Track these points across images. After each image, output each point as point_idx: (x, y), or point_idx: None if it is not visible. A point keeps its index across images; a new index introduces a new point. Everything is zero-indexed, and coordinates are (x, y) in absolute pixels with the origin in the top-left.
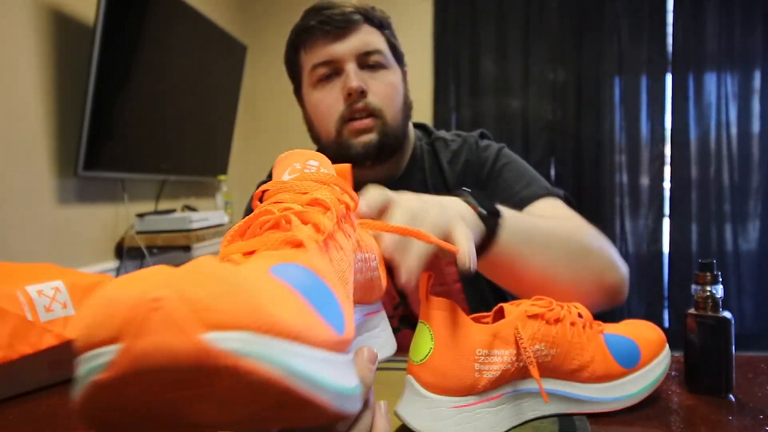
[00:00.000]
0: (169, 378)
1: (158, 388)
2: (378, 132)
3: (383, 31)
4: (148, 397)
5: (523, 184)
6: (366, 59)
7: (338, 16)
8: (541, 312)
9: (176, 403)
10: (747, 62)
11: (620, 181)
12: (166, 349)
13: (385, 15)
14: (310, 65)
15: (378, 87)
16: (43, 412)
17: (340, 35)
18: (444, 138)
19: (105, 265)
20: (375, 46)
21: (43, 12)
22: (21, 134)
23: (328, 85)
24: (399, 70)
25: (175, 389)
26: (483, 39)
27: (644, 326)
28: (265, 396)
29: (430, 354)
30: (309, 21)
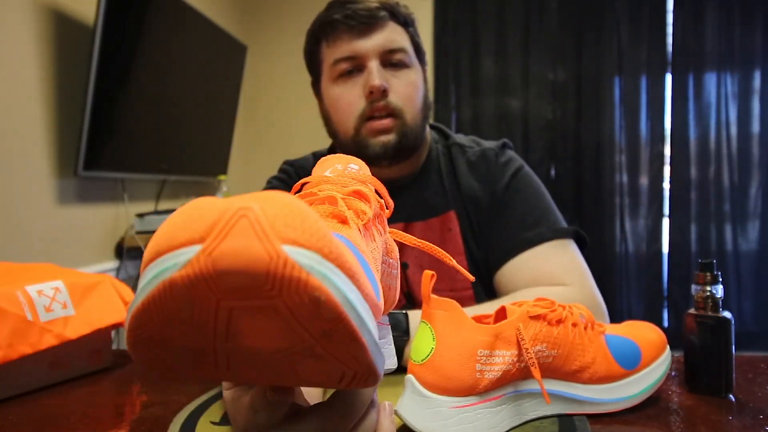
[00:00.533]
0: (241, 282)
1: (227, 293)
2: (397, 132)
3: (408, 29)
4: (213, 304)
5: (531, 222)
6: (389, 57)
7: (364, 11)
8: (543, 313)
9: (235, 315)
10: (747, 62)
11: (620, 181)
12: (246, 253)
13: (409, 12)
14: (331, 59)
15: (400, 86)
16: (43, 412)
17: (364, 31)
18: (461, 144)
19: (105, 265)
20: (399, 44)
21: (43, 12)
22: (21, 134)
23: (349, 80)
24: (420, 70)
25: (242, 296)
26: (483, 39)
27: (645, 327)
28: (319, 318)
29: (432, 354)
30: (333, 14)
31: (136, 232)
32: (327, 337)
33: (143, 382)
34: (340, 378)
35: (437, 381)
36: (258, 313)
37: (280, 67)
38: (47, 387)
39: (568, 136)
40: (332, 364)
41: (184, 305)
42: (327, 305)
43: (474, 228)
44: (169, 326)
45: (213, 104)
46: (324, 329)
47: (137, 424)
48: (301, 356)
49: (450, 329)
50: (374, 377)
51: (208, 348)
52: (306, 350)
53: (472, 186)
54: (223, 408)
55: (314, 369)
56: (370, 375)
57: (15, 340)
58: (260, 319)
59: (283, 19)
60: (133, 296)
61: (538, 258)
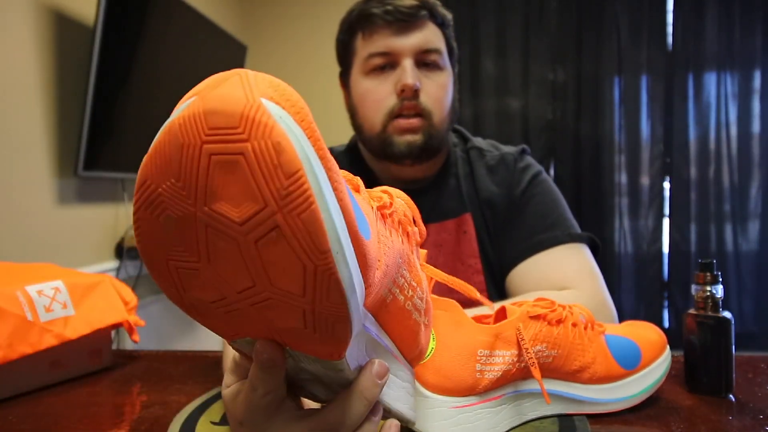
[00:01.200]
0: (221, 121)
1: (210, 133)
2: (423, 133)
3: (444, 30)
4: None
5: (546, 225)
6: (424, 57)
7: (405, 8)
8: (543, 313)
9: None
10: (747, 62)
11: (620, 181)
12: (229, 96)
13: (447, 13)
14: (366, 53)
15: (431, 87)
16: (43, 412)
17: (402, 28)
18: (480, 148)
19: (105, 265)
20: (435, 45)
21: (43, 12)
22: (21, 134)
23: (381, 75)
24: (452, 73)
25: (220, 138)
26: (483, 39)
27: (645, 327)
28: (280, 169)
29: (432, 354)
30: (373, 7)
31: None
32: (284, 201)
33: (143, 382)
34: (303, 288)
35: (437, 381)
36: (229, 166)
37: (280, 67)
38: (47, 387)
39: (567, 136)
40: (292, 253)
41: (176, 149)
42: (287, 155)
43: (490, 231)
44: (164, 178)
45: None
46: (282, 188)
47: (137, 424)
48: (264, 239)
49: (450, 329)
50: (338, 296)
51: (190, 216)
52: (268, 224)
53: (490, 190)
54: (223, 408)
55: (278, 264)
56: (330, 280)
57: (15, 340)
58: (231, 176)
59: (283, 19)
60: (134, 296)
61: (550, 261)
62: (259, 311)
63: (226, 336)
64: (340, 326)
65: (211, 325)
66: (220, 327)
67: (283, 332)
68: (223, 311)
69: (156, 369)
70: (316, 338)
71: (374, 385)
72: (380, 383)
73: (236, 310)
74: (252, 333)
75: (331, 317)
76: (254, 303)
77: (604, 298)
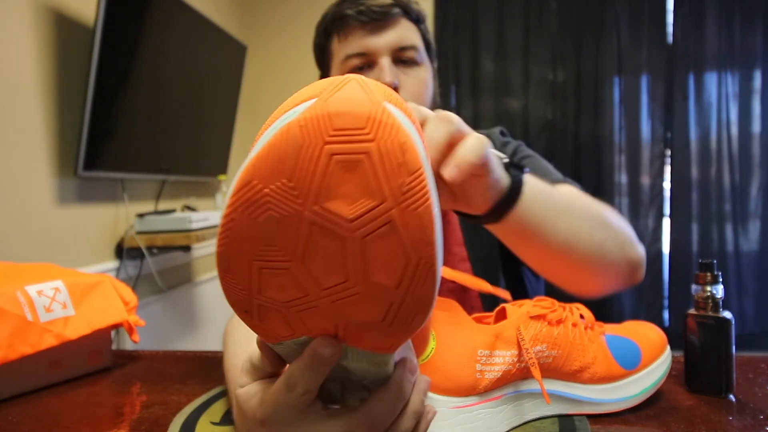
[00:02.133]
0: (346, 122)
1: (333, 134)
2: None
3: (419, 25)
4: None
5: (540, 175)
6: (401, 54)
7: (377, 7)
8: (543, 313)
9: (332, 165)
10: (747, 62)
11: (620, 181)
12: (353, 99)
13: (421, 8)
14: (342, 54)
15: (410, 83)
16: (43, 412)
17: (377, 28)
18: None
19: (105, 265)
20: (411, 41)
21: (43, 12)
22: (21, 134)
23: None
24: (430, 67)
25: (344, 138)
26: (483, 39)
27: (646, 328)
28: (403, 167)
29: (432, 354)
30: (346, 9)
31: (136, 232)
32: (404, 197)
33: (143, 382)
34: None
35: (437, 381)
36: (350, 165)
37: (280, 67)
38: (47, 387)
39: (567, 136)
40: (400, 247)
41: (294, 150)
42: (411, 154)
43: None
44: (274, 178)
45: (213, 104)
46: (403, 184)
47: (137, 424)
48: (374, 234)
49: (450, 329)
50: (431, 286)
51: (295, 215)
52: (382, 219)
53: None
54: (223, 408)
55: (381, 258)
56: (429, 271)
57: (15, 340)
58: (349, 174)
59: (283, 19)
60: (134, 296)
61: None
62: (339, 307)
63: (278, 337)
64: (421, 315)
65: (267, 326)
66: (277, 328)
67: (352, 327)
68: (296, 310)
69: (156, 369)
70: (388, 331)
71: (408, 381)
72: (413, 380)
73: (313, 308)
74: (314, 331)
75: (416, 307)
76: (338, 299)
77: (613, 209)
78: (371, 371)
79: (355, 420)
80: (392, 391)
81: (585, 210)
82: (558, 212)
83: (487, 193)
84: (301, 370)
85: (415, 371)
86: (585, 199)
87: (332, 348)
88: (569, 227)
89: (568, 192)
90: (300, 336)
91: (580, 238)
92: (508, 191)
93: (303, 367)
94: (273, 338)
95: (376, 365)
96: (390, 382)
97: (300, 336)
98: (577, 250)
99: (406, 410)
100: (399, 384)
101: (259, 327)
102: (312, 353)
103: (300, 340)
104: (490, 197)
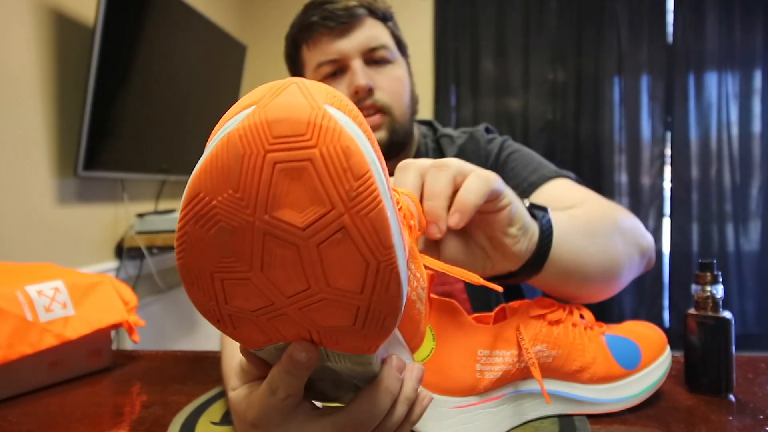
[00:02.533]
0: (286, 129)
1: (274, 142)
2: (387, 129)
3: (387, 23)
4: (261, 158)
5: (531, 170)
6: (372, 55)
7: (341, 10)
8: (543, 313)
9: (275, 176)
10: (747, 62)
11: (620, 181)
12: (292, 104)
13: (387, 6)
14: (314, 63)
15: (385, 83)
16: (43, 412)
17: (344, 31)
18: (450, 135)
19: (105, 265)
20: (380, 40)
21: (43, 12)
22: (21, 134)
23: (334, 82)
24: (404, 63)
25: (285, 146)
26: (483, 39)
27: (645, 327)
28: (349, 172)
29: (432, 354)
30: (311, 17)
31: (136, 232)
32: (353, 202)
33: (143, 382)
34: (362, 285)
35: (437, 381)
36: (295, 173)
37: (280, 67)
38: (47, 387)
39: (567, 136)
40: (357, 252)
41: (236, 160)
42: (356, 158)
43: None
44: (220, 189)
45: (213, 104)
46: (351, 189)
47: (137, 424)
48: (328, 241)
49: (450, 329)
50: (396, 289)
51: (246, 226)
52: (334, 226)
53: None
54: (223, 408)
55: (339, 264)
56: (391, 274)
57: (15, 340)
58: (296, 182)
59: (283, 19)
60: (134, 296)
61: (547, 195)
62: (307, 314)
63: (256, 343)
64: (391, 319)
65: (242, 334)
66: (252, 335)
67: (325, 332)
68: (265, 318)
69: (156, 369)
70: (361, 334)
71: (396, 379)
72: (400, 377)
73: (282, 315)
74: (289, 337)
75: (384, 311)
76: (305, 306)
77: (609, 200)
78: (357, 371)
79: (343, 419)
80: (378, 389)
81: (604, 223)
82: (586, 239)
83: (516, 237)
84: (280, 375)
85: (402, 368)
86: (597, 209)
87: (308, 352)
88: (599, 250)
89: (584, 213)
90: (276, 342)
91: (611, 256)
92: (540, 234)
93: (282, 372)
94: (251, 345)
95: (360, 365)
96: (375, 380)
97: (276, 342)
98: (610, 268)
99: (397, 401)
100: (385, 382)
101: (235, 335)
102: (288, 358)
103: (279, 345)
104: (520, 241)
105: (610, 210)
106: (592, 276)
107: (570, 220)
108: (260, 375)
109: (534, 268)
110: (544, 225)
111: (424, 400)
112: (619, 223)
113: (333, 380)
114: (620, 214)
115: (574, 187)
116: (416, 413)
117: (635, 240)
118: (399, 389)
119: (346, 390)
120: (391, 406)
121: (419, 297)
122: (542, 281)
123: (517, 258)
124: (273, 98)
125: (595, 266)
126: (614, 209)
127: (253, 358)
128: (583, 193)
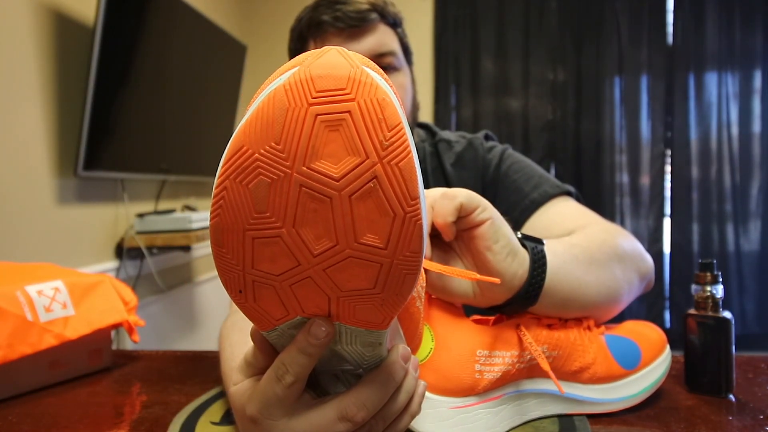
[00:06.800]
0: (328, 84)
1: (316, 96)
2: None
3: (396, 29)
4: (304, 111)
5: (533, 185)
6: (379, 61)
7: (354, 13)
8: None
9: (316, 127)
10: (747, 62)
11: (620, 181)
12: (334, 63)
13: (397, 11)
14: None
15: None
16: (43, 412)
17: (354, 34)
18: (448, 140)
19: (105, 265)
20: (389, 47)
21: (43, 12)
22: (21, 134)
23: None
24: (408, 71)
25: (327, 99)
26: (483, 39)
27: (645, 327)
28: (383, 122)
29: (431, 354)
30: (322, 14)
31: (136, 232)
32: (386, 151)
33: (143, 382)
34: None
35: (436, 381)
36: (334, 124)
37: (280, 67)
38: (47, 387)
39: (567, 136)
40: (384, 203)
41: (281, 113)
42: (390, 109)
43: None
44: (263, 142)
45: (213, 104)
46: (384, 139)
47: (137, 424)
48: (360, 192)
49: (449, 330)
50: (418, 243)
51: (285, 178)
52: (367, 176)
53: (462, 177)
54: (223, 408)
55: (368, 217)
56: (415, 227)
57: (15, 340)
58: (334, 133)
59: (283, 19)
60: (133, 296)
61: (549, 216)
62: (331, 275)
63: (271, 321)
64: (410, 279)
65: (260, 307)
66: (271, 308)
67: (345, 298)
68: (288, 283)
69: (156, 369)
70: (380, 299)
71: (402, 366)
72: (405, 367)
73: (305, 279)
74: (308, 308)
75: (405, 269)
76: (330, 265)
77: (612, 223)
78: (365, 356)
79: (347, 402)
80: (384, 372)
81: (603, 250)
82: (585, 268)
83: (501, 254)
84: (292, 355)
85: (408, 357)
86: (597, 234)
87: (327, 326)
88: (597, 279)
89: (584, 240)
90: (293, 317)
91: (610, 284)
92: (531, 264)
93: (295, 351)
94: (267, 323)
95: (369, 347)
96: (382, 364)
97: (293, 317)
98: (608, 295)
99: (400, 389)
100: (391, 366)
101: (253, 309)
102: (306, 334)
103: (294, 322)
104: (505, 260)
105: (610, 235)
106: (591, 304)
107: (569, 249)
108: (265, 365)
109: (528, 299)
110: (536, 255)
111: (419, 388)
112: (619, 249)
113: (336, 374)
114: (620, 238)
115: (576, 208)
116: (415, 403)
117: (635, 265)
118: (403, 377)
119: (347, 386)
120: (391, 397)
121: (419, 295)
122: (539, 311)
123: (500, 276)
124: (316, 59)
125: (593, 295)
126: (614, 233)
127: (262, 344)
128: (583, 215)
